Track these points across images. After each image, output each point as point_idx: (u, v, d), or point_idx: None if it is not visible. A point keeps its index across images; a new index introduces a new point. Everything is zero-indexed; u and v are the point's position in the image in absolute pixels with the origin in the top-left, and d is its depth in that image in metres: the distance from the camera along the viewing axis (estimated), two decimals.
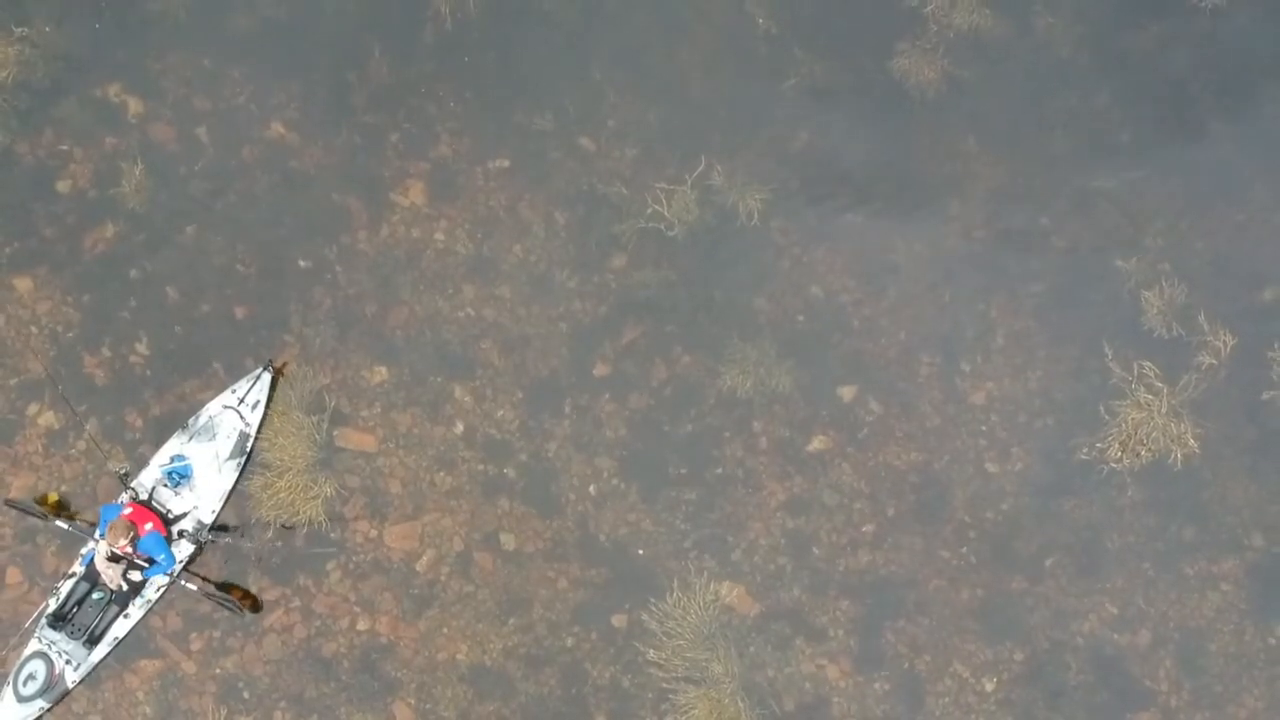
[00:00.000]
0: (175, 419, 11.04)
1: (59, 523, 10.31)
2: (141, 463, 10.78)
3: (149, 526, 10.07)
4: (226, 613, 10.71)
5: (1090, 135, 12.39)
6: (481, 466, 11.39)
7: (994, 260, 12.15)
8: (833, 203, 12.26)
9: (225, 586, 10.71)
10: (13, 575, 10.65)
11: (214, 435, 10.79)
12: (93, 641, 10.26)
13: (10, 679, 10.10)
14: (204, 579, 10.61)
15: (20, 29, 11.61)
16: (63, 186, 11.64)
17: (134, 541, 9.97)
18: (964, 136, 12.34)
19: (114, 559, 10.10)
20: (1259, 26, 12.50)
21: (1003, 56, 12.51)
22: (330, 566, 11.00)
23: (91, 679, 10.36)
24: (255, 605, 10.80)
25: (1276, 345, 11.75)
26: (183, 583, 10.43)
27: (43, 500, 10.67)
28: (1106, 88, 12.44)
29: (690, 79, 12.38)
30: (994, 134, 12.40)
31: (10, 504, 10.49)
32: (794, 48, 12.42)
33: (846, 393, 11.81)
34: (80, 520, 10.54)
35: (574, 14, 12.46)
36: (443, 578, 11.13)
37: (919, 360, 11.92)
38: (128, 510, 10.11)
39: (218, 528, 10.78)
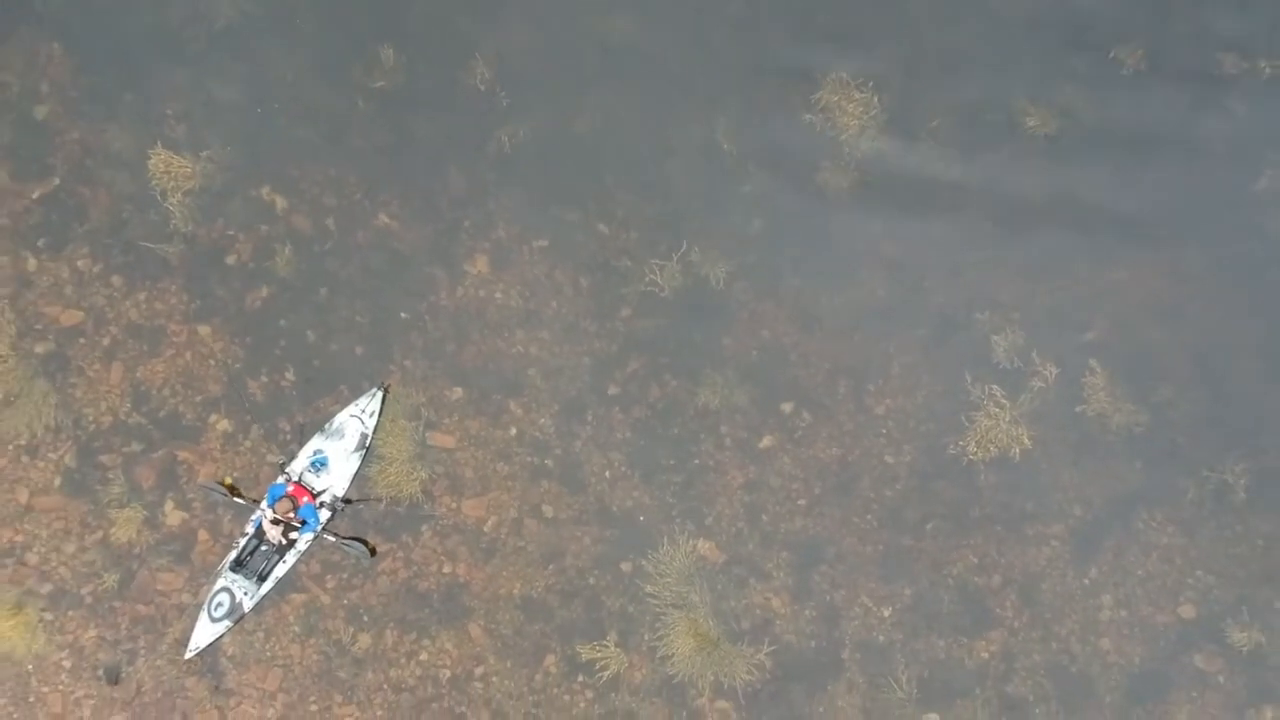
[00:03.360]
0: (315, 424, 12.46)
1: (235, 499, 12.03)
2: (292, 455, 12.35)
3: (305, 499, 12.12)
4: (352, 560, 12.09)
5: (961, 224, 13.50)
6: (529, 459, 12.65)
7: (891, 312, 13.32)
8: (777, 272, 13.36)
9: (352, 540, 12.05)
10: (203, 535, 12.24)
11: (343, 436, 12.34)
12: (261, 580, 11.94)
13: (205, 606, 11.89)
14: (338, 535, 12.09)
15: (204, 151, 13.09)
16: (230, 260, 12.87)
17: (296, 509, 12.03)
18: (870, 225, 13.46)
19: (275, 522, 12.02)
20: (1082, 148, 13.69)
21: (897, 170, 13.53)
22: (424, 528, 12.32)
23: (259, 607, 11.91)
24: (372, 553, 12.25)
25: (1086, 373, 13.11)
26: (325, 536, 12.13)
27: (221, 482, 12.17)
28: (973, 191, 13.63)
29: (676, 184, 13.46)
30: (892, 224, 13.45)
31: (200, 486, 12.22)
32: (749, 164, 13.54)
33: (787, 406, 13.02)
34: (249, 496, 12.11)
35: (592, 139, 13.59)
36: (503, 536, 12.38)
37: (838, 383, 13.13)
38: (291, 488, 12.11)
39: (347, 500, 12.26)
